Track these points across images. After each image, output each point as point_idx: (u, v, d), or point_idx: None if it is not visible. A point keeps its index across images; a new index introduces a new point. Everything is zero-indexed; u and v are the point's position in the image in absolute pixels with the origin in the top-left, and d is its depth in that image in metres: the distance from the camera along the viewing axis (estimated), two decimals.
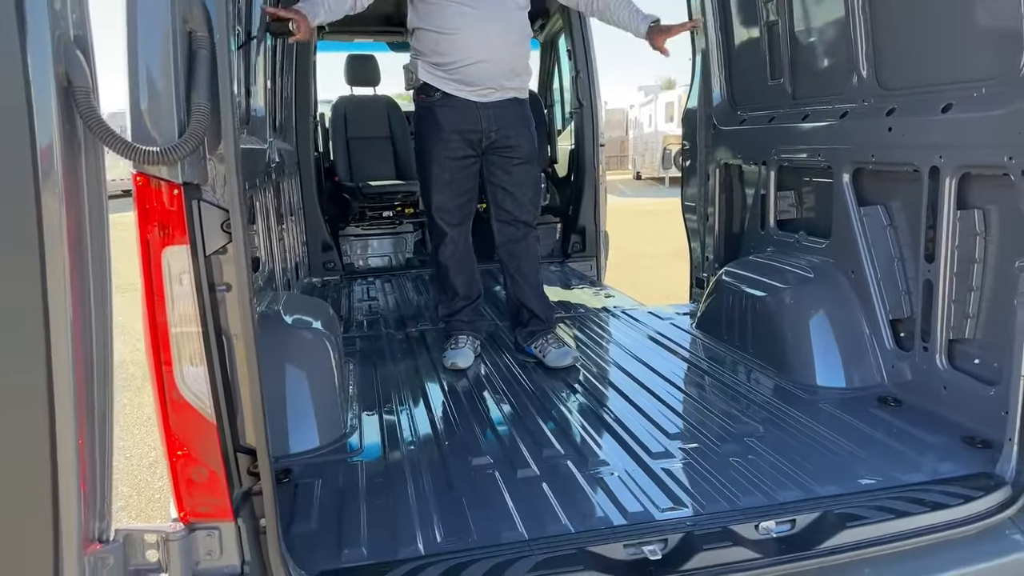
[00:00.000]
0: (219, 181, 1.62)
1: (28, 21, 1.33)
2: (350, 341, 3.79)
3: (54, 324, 1.44)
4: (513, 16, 3.18)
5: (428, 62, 3.18)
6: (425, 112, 3.25)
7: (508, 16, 3.16)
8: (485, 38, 3.10)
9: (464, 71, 3.11)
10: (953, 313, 2.50)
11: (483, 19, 3.08)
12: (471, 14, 3.07)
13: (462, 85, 3.17)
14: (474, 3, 3.08)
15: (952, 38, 2.48)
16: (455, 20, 3.07)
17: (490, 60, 3.12)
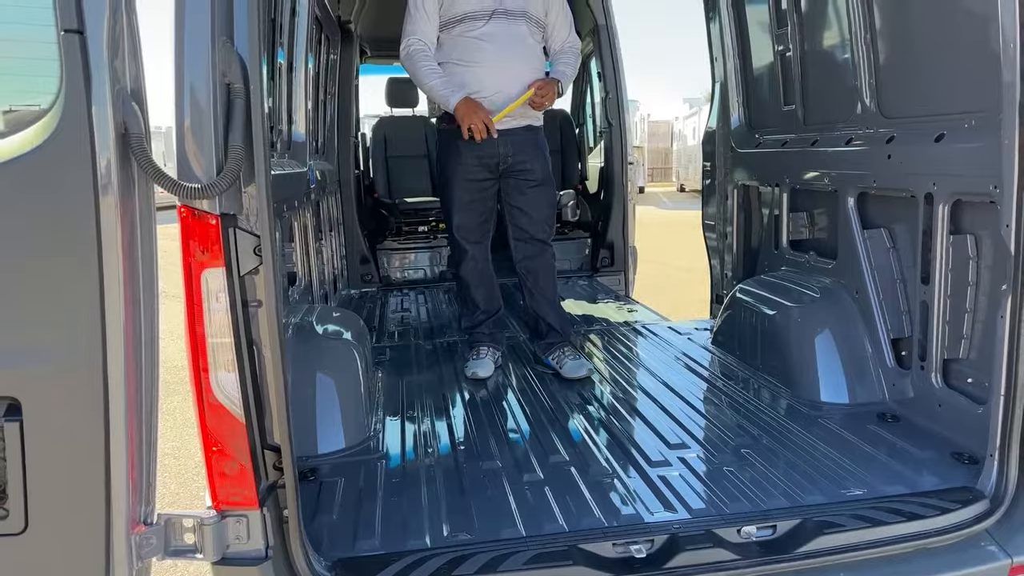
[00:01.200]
0: (253, 210, 1.84)
1: (93, 78, 1.58)
2: (380, 351, 4.02)
3: (110, 330, 1.68)
4: (529, 50, 3.42)
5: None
6: (447, 138, 3.48)
7: (524, 50, 3.40)
8: (503, 70, 3.33)
9: (483, 101, 3.33)
10: (948, 334, 2.60)
11: (501, 53, 3.33)
12: (490, 49, 3.32)
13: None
14: (493, 39, 3.32)
15: (944, 71, 2.60)
16: (475, 54, 3.32)
17: (507, 91, 3.35)
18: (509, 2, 3.36)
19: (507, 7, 3.35)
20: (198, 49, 1.71)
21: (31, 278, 1.66)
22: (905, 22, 2.83)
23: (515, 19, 3.37)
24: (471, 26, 3.34)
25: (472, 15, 3.33)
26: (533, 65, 3.43)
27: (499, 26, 3.34)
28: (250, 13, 1.74)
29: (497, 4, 3.34)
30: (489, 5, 3.33)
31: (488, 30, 3.33)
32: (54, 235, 1.65)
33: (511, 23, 3.36)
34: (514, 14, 3.36)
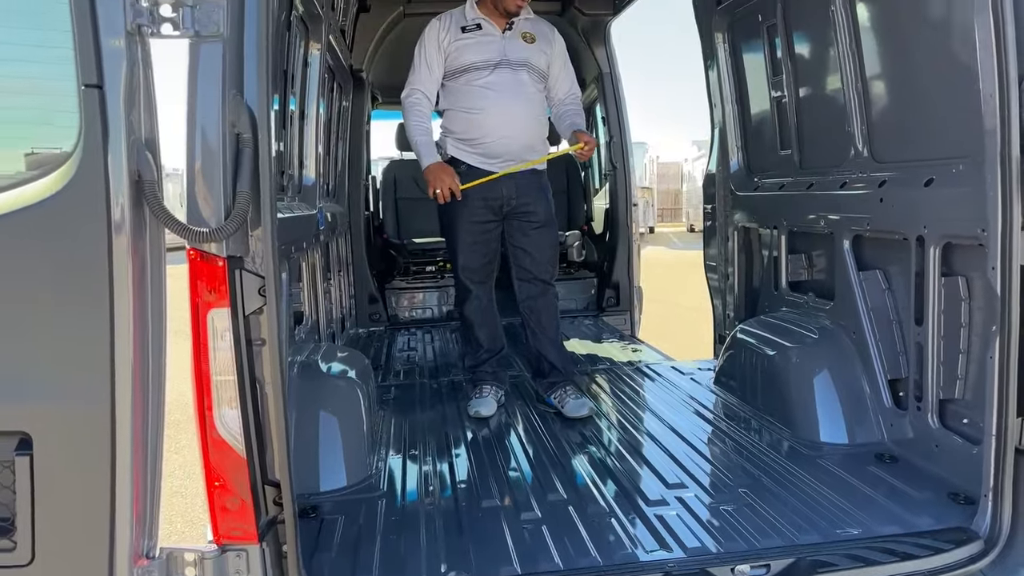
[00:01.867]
0: (259, 252, 1.92)
1: (110, 130, 1.68)
2: (386, 389, 4.07)
3: (119, 367, 1.75)
4: (531, 97, 3.54)
5: (456, 138, 3.55)
6: None
7: (527, 97, 3.52)
8: (506, 117, 3.45)
9: (487, 146, 3.46)
10: (943, 374, 2.63)
11: (504, 100, 3.45)
12: (493, 96, 3.44)
13: (485, 158, 3.50)
14: (496, 86, 3.45)
15: (932, 118, 2.67)
16: (479, 101, 3.45)
17: (510, 136, 3.47)
18: (513, 54, 3.49)
19: (510, 59, 3.48)
20: (209, 101, 1.81)
21: (45, 316, 1.74)
22: (894, 70, 2.93)
23: (518, 70, 3.49)
24: (476, 76, 3.47)
25: (477, 65, 3.46)
26: (535, 112, 3.56)
27: (503, 76, 3.46)
28: (259, 68, 1.84)
29: (501, 56, 3.47)
30: (494, 56, 3.47)
31: (492, 79, 3.46)
32: (69, 275, 1.73)
33: (514, 73, 3.49)
34: (517, 65, 3.49)
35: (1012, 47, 2.08)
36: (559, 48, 3.67)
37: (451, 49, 3.50)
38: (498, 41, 3.50)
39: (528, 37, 3.56)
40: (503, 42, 3.50)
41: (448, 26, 3.53)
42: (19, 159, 1.93)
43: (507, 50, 3.49)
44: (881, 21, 2.95)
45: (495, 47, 3.48)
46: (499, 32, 3.52)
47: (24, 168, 1.89)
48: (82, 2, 1.64)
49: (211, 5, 1.78)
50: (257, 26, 1.84)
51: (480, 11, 3.54)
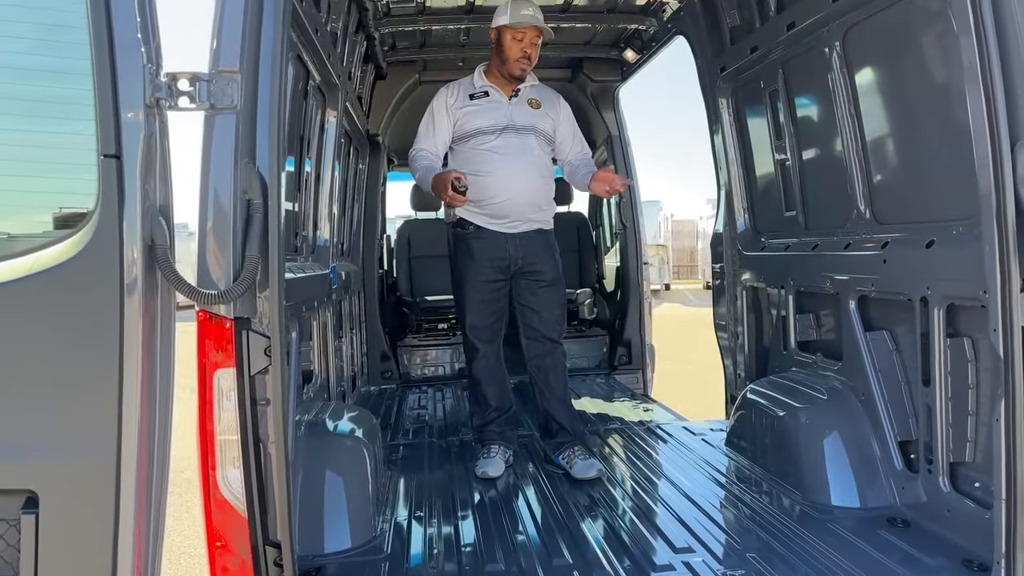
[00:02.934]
0: (266, 313, 1.97)
1: (126, 198, 1.76)
2: (394, 448, 4.07)
3: (126, 427, 1.79)
4: (537, 159, 3.62)
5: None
6: (461, 243, 3.67)
7: (533, 159, 3.61)
8: (512, 179, 3.54)
9: (495, 207, 3.54)
10: (952, 437, 2.60)
11: (511, 162, 3.55)
12: (500, 159, 3.54)
13: (493, 219, 3.58)
14: (503, 149, 3.56)
15: (931, 180, 2.71)
16: (486, 164, 3.55)
17: (517, 197, 3.55)
18: (519, 119, 3.60)
19: (517, 123, 3.59)
20: (222, 169, 1.90)
21: (57, 376, 1.79)
22: (892, 134, 2.98)
23: (524, 134, 3.60)
24: (483, 140, 3.58)
25: (484, 130, 3.58)
26: (541, 173, 3.64)
27: (509, 140, 3.57)
28: (271, 137, 1.93)
29: (508, 121, 3.59)
30: (500, 122, 3.58)
31: (499, 143, 3.56)
32: (81, 336, 1.79)
33: (521, 137, 3.59)
34: (523, 129, 3.60)
35: (1003, 113, 2.12)
36: (564, 113, 3.78)
37: (460, 115, 3.63)
38: (504, 107, 3.62)
39: (534, 103, 3.68)
40: (510, 108, 3.62)
41: (457, 94, 3.67)
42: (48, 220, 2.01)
43: (513, 115, 3.60)
44: (878, 87, 3.03)
45: (502, 112, 3.60)
46: (505, 99, 3.64)
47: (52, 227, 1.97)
48: (104, 77, 1.74)
49: (227, 79, 1.88)
50: (270, 98, 1.94)
51: (488, 79, 3.67)
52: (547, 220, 3.72)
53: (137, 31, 1.76)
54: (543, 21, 3.58)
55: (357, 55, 4.72)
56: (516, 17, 3.51)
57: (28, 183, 2.02)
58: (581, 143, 3.82)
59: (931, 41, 2.63)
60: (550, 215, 3.75)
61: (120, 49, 1.74)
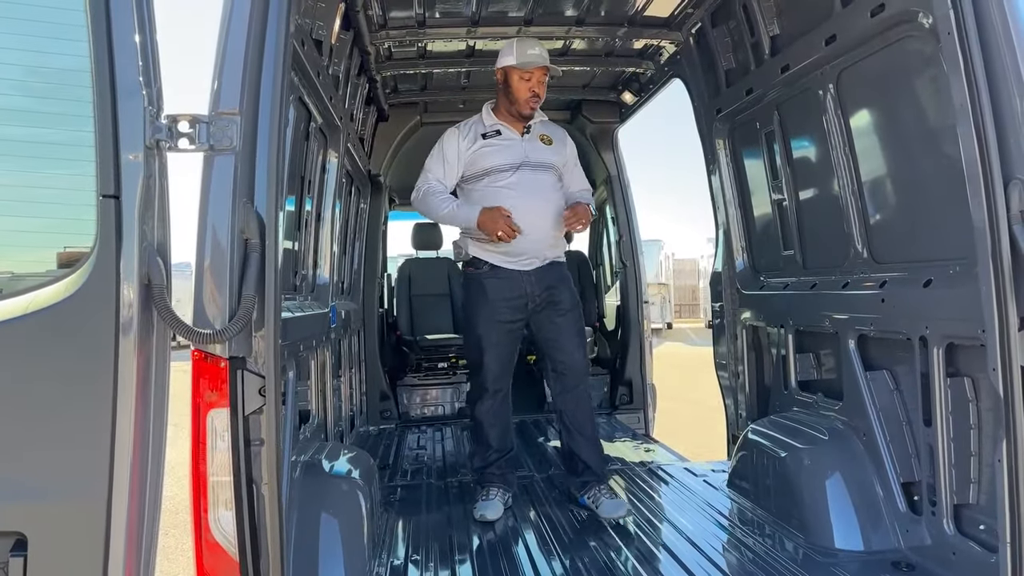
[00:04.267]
0: (262, 353, 1.97)
1: (124, 238, 1.77)
2: (392, 490, 4.02)
3: (118, 469, 1.77)
4: (552, 196, 3.59)
5: (477, 239, 3.55)
6: (474, 283, 3.60)
7: (549, 195, 3.57)
8: (530, 216, 3.47)
9: (511, 245, 3.46)
10: (955, 478, 2.56)
11: (528, 200, 3.48)
12: (517, 196, 3.48)
13: (508, 257, 3.52)
14: (519, 186, 3.51)
15: (927, 219, 2.73)
16: (502, 201, 3.47)
17: (535, 234, 3.48)
18: (533, 156, 3.57)
19: (532, 160, 3.56)
20: (220, 209, 1.91)
21: (48, 416, 1.78)
22: (887, 174, 3.01)
23: (539, 170, 3.56)
24: (498, 178, 3.53)
25: (499, 167, 3.53)
26: (557, 207, 3.59)
27: (525, 176, 3.52)
28: (269, 178, 1.95)
29: (523, 158, 3.55)
30: (516, 159, 3.54)
31: (514, 180, 3.51)
32: (75, 376, 1.79)
33: (536, 173, 3.55)
34: (538, 166, 3.56)
35: (995, 153, 2.14)
36: (571, 149, 3.80)
37: (471, 155, 3.58)
38: (518, 144, 3.59)
39: (546, 139, 3.67)
40: (523, 145, 3.59)
41: (467, 134, 3.63)
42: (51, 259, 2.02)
43: (528, 152, 3.57)
44: (872, 128, 3.06)
45: (516, 150, 3.56)
46: (518, 136, 3.61)
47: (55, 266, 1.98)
48: (105, 118, 1.76)
49: (226, 121, 1.91)
50: (269, 140, 1.96)
51: (497, 118, 3.65)
52: (560, 254, 3.71)
53: (139, 75, 1.79)
54: (548, 59, 3.57)
55: (359, 97, 4.80)
56: (523, 58, 3.51)
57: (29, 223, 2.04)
58: (582, 179, 3.83)
59: (923, 83, 2.66)
60: (563, 249, 3.74)
61: (122, 93, 1.77)
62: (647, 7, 4.20)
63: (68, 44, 1.84)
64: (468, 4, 4.15)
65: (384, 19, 4.31)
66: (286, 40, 1.99)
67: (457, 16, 4.31)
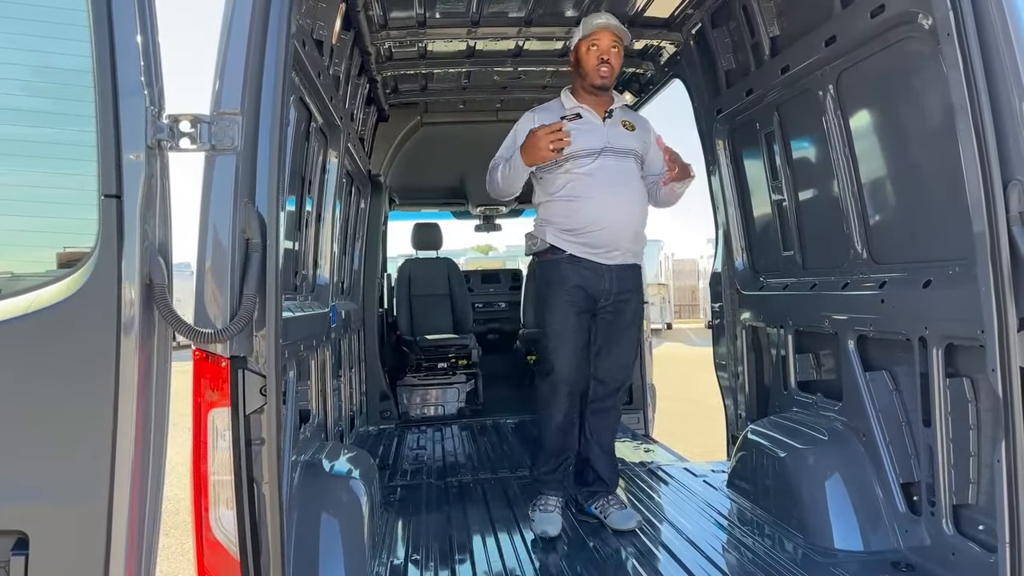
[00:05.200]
0: (263, 352, 1.97)
1: (125, 237, 1.78)
2: (392, 490, 4.02)
3: (119, 468, 1.77)
4: (636, 183, 3.38)
5: (557, 228, 3.35)
6: (551, 271, 3.36)
7: (632, 185, 3.36)
8: (612, 205, 3.28)
9: (594, 235, 3.28)
10: (955, 478, 2.57)
11: (610, 187, 3.28)
12: (599, 184, 3.27)
13: (589, 248, 3.31)
14: (601, 173, 3.29)
15: (926, 220, 2.73)
16: (584, 189, 3.28)
17: (617, 225, 3.30)
18: (617, 141, 3.35)
19: (615, 146, 3.34)
20: (222, 208, 1.91)
21: (50, 416, 1.78)
22: (887, 175, 3.01)
23: (622, 157, 3.35)
24: (579, 163, 3.31)
25: (579, 153, 3.29)
26: (641, 199, 3.39)
27: (607, 163, 3.31)
28: (270, 177, 1.95)
29: (605, 143, 3.33)
30: (598, 144, 3.32)
31: (596, 167, 3.30)
32: (76, 376, 1.79)
33: (619, 160, 3.34)
34: (621, 152, 3.35)
35: (994, 154, 2.14)
36: (653, 136, 3.53)
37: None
38: (600, 129, 3.37)
39: (628, 125, 3.45)
40: (605, 130, 3.37)
41: (544, 116, 3.40)
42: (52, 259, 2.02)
43: (610, 137, 3.35)
44: (872, 129, 3.07)
45: (598, 135, 3.34)
46: (599, 120, 3.39)
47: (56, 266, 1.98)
48: (107, 119, 1.77)
49: (228, 121, 1.91)
50: (270, 140, 1.96)
51: (577, 100, 3.44)
52: (640, 252, 3.50)
53: (141, 75, 1.79)
54: (616, 25, 3.34)
55: (359, 97, 4.80)
56: (587, 28, 3.33)
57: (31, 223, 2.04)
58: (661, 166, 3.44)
59: (922, 83, 2.67)
60: (643, 245, 3.52)
61: (124, 93, 1.78)
62: (647, 8, 4.20)
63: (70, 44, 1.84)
64: (468, 4, 4.15)
65: (385, 19, 4.31)
66: (287, 41, 2.00)
67: (457, 16, 4.32)
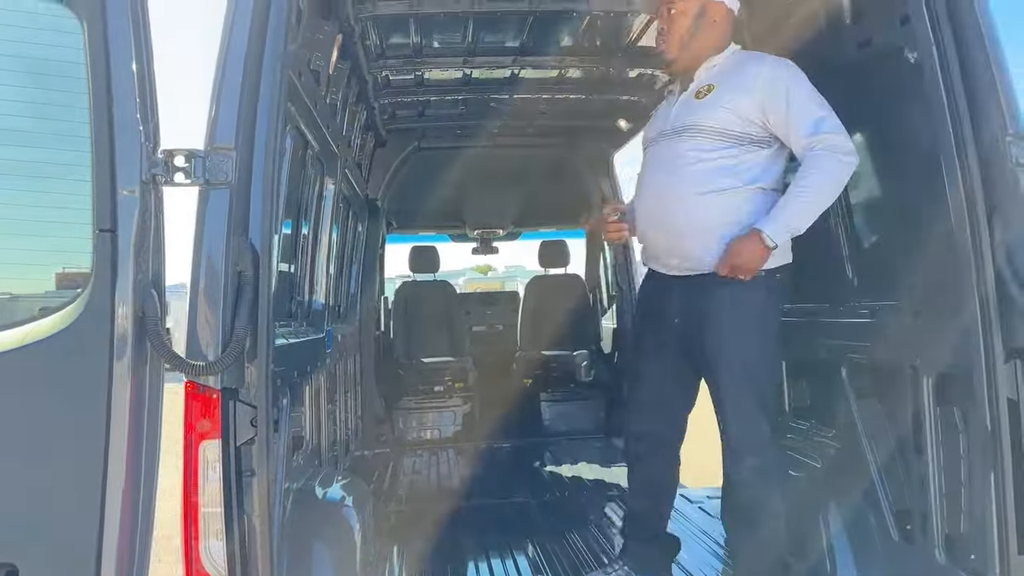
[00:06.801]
0: (254, 383, 1.99)
1: (119, 271, 1.80)
2: (386, 517, 4.01)
3: (109, 503, 1.78)
4: (690, 170, 2.57)
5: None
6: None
7: (683, 172, 2.58)
8: (654, 201, 2.68)
9: (644, 239, 2.77)
10: (946, 507, 2.56)
11: (654, 179, 2.70)
12: (646, 176, 2.73)
13: (652, 260, 2.80)
14: (651, 163, 2.75)
15: (914, 249, 2.75)
16: (638, 189, 2.76)
17: (658, 226, 2.68)
18: (678, 119, 2.67)
19: (675, 123, 2.67)
20: (215, 242, 1.93)
21: (40, 448, 1.79)
22: (876, 201, 3.05)
23: (676, 138, 2.64)
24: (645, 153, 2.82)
25: (646, 141, 2.83)
26: (699, 189, 2.55)
27: (660, 149, 2.71)
28: (264, 211, 1.98)
29: (665, 123, 2.73)
30: (658, 126, 2.77)
31: (650, 156, 2.76)
32: (68, 408, 1.80)
33: (671, 143, 2.66)
34: (677, 131, 2.64)
35: (978, 184, 2.17)
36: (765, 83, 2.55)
37: None
38: (673, 106, 2.76)
39: (704, 90, 2.65)
40: (675, 107, 2.74)
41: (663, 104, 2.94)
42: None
43: (675, 115, 2.71)
44: (860, 155, 3.09)
45: (664, 114, 2.79)
46: (677, 95, 2.79)
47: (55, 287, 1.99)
48: (102, 155, 1.79)
49: (222, 156, 1.94)
50: (264, 174, 1.99)
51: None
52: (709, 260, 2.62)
53: (136, 111, 1.82)
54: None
55: (357, 124, 4.84)
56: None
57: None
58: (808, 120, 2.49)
59: (911, 116, 2.70)
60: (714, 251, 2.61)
61: (119, 128, 1.81)
62: (640, 37, 4.26)
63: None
64: (464, 34, 4.21)
65: (382, 48, 4.37)
66: (281, 76, 2.03)
67: (453, 46, 4.37)
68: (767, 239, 2.54)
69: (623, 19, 4.06)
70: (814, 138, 2.51)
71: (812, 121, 2.49)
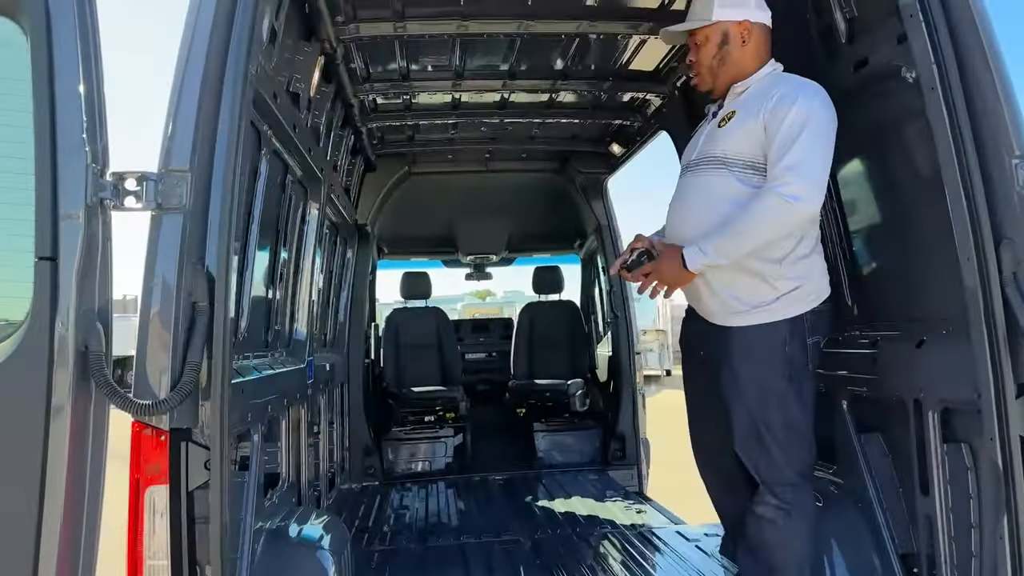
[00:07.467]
0: (208, 422, 1.84)
1: (60, 302, 1.67)
2: (369, 555, 3.83)
3: (43, 560, 1.63)
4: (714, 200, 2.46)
5: None
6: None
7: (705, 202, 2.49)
8: (675, 233, 2.55)
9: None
10: (955, 551, 2.41)
11: (678, 212, 2.58)
12: (672, 209, 2.62)
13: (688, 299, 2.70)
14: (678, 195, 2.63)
15: (918, 278, 2.62)
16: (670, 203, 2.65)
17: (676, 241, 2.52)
18: (706, 148, 2.56)
19: (704, 152, 2.56)
20: (167, 270, 1.81)
21: None
22: (876, 230, 2.92)
23: (701, 169, 2.55)
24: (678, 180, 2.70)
25: (683, 167, 2.71)
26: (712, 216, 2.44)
27: (686, 180, 2.62)
28: (220, 238, 1.85)
29: (693, 154, 2.62)
30: (688, 158, 2.66)
31: (678, 187, 2.66)
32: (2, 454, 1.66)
33: (696, 174, 2.56)
34: (704, 161, 2.55)
35: (984, 213, 2.05)
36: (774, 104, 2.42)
37: None
38: (701, 136, 2.67)
39: (726, 118, 2.55)
40: (703, 136, 2.64)
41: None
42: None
43: (703, 145, 2.60)
44: (860, 181, 2.99)
45: (694, 145, 2.67)
46: (708, 123, 2.68)
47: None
48: (43, 177, 1.67)
49: (175, 178, 1.82)
50: (222, 198, 1.87)
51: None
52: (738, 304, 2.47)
53: (83, 131, 1.71)
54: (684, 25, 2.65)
55: (344, 148, 4.75)
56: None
57: None
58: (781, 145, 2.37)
59: (912, 138, 2.59)
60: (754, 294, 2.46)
61: (63, 149, 1.69)
62: (632, 61, 4.18)
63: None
64: (451, 58, 4.13)
65: (367, 72, 4.28)
66: (243, 97, 1.92)
67: (441, 69, 4.29)
68: (686, 260, 2.44)
69: (615, 42, 3.99)
70: (776, 174, 2.38)
71: (787, 158, 2.36)
